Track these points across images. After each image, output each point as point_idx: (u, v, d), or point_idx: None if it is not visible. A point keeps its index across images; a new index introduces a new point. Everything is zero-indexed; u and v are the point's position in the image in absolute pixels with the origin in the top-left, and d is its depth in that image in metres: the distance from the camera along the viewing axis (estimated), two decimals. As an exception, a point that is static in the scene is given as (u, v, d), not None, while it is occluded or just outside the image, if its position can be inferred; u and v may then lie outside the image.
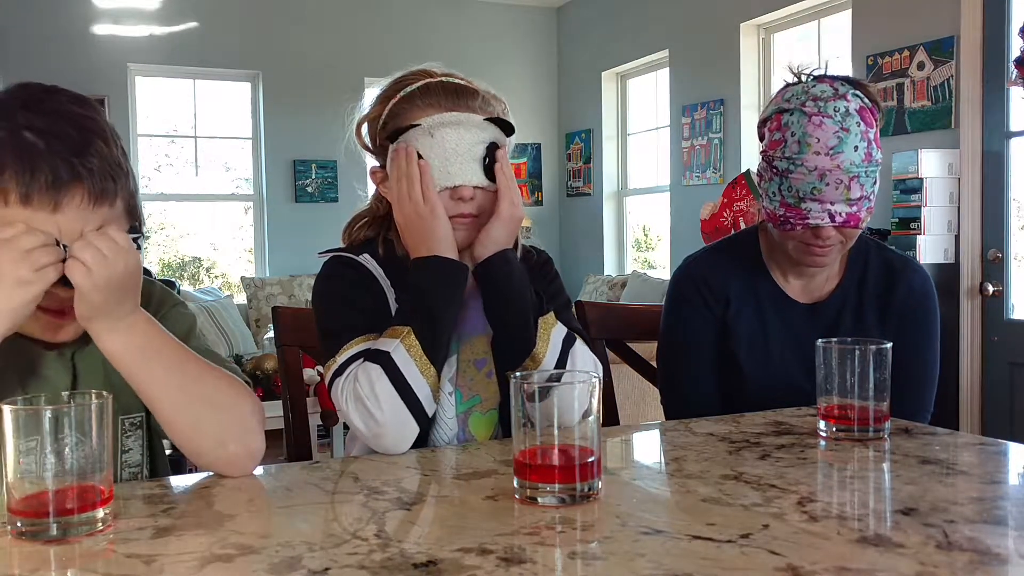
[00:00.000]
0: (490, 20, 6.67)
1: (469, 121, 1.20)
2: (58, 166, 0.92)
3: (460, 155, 1.19)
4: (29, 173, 0.92)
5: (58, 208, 0.93)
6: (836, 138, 1.36)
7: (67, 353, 1.07)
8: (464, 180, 1.19)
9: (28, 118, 0.94)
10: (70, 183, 0.93)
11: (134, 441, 1.12)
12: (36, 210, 0.92)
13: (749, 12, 4.86)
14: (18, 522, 0.80)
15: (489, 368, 1.28)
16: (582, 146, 6.64)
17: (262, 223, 6.19)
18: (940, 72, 3.63)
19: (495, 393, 1.28)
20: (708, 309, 1.56)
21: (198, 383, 1.02)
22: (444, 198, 1.20)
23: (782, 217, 1.43)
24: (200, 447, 1.01)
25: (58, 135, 0.94)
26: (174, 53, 5.80)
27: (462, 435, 1.26)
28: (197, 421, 1.01)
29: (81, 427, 0.80)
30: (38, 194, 0.92)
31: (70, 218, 0.94)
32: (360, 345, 1.18)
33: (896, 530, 0.80)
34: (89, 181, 0.94)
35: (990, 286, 3.48)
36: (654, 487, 1.00)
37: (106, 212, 0.97)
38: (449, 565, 0.72)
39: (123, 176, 1.00)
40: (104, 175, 0.96)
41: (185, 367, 1.02)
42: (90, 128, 0.97)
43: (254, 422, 1.04)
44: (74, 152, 0.94)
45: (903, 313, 1.53)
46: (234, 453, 1.01)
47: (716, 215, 4.29)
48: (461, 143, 1.19)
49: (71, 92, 1.01)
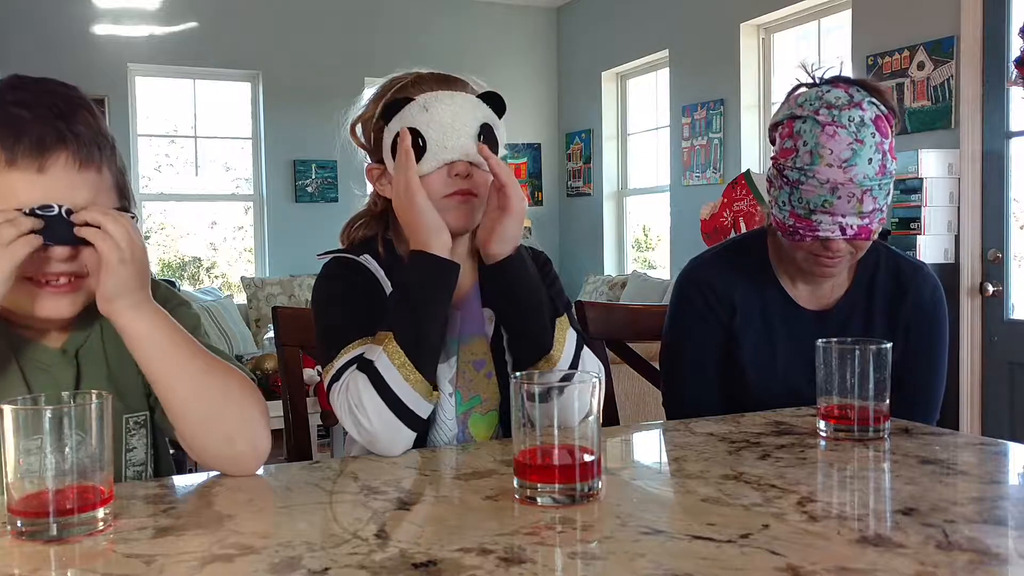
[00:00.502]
0: (490, 20, 6.67)
1: (463, 97, 1.21)
2: (43, 130, 0.94)
3: (456, 129, 1.19)
4: (13, 138, 0.93)
5: (43, 169, 0.94)
6: (850, 150, 1.32)
7: (71, 351, 1.07)
8: (462, 154, 1.19)
9: (15, 95, 0.96)
10: (55, 144, 0.95)
11: (138, 440, 1.12)
12: (23, 172, 0.94)
13: (749, 12, 4.85)
14: (18, 522, 0.80)
15: (488, 369, 1.27)
16: (582, 146, 6.64)
17: (262, 223, 6.19)
18: (940, 72, 3.63)
19: (495, 394, 1.28)
20: (714, 315, 1.54)
21: (212, 376, 1.02)
22: (441, 176, 1.20)
23: (791, 228, 1.40)
24: (208, 443, 1.01)
25: (44, 104, 0.96)
26: (174, 53, 5.80)
27: (462, 436, 1.26)
28: (209, 414, 1.01)
29: (81, 427, 0.80)
30: (23, 157, 0.93)
31: (56, 179, 0.95)
32: (357, 349, 1.17)
33: (896, 530, 0.80)
34: (75, 144, 0.96)
35: (990, 286, 3.48)
36: (654, 487, 1.00)
37: (93, 178, 0.98)
38: (449, 565, 0.72)
39: (110, 149, 1.01)
40: (90, 141, 0.97)
41: (200, 358, 1.02)
42: (77, 102, 0.99)
43: (263, 422, 1.04)
44: (59, 117, 0.96)
45: (912, 322, 1.51)
46: (241, 452, 1.01)
47: (716, 215, 4.29)
48: (456, 117, 1.19)
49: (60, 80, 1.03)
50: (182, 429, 1.02)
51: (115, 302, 0.97)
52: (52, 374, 1.05)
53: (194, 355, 1.02)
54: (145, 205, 5.95)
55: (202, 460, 1.03)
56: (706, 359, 1.55)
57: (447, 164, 1.19)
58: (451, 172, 1.20)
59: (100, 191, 0.99)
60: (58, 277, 0.99)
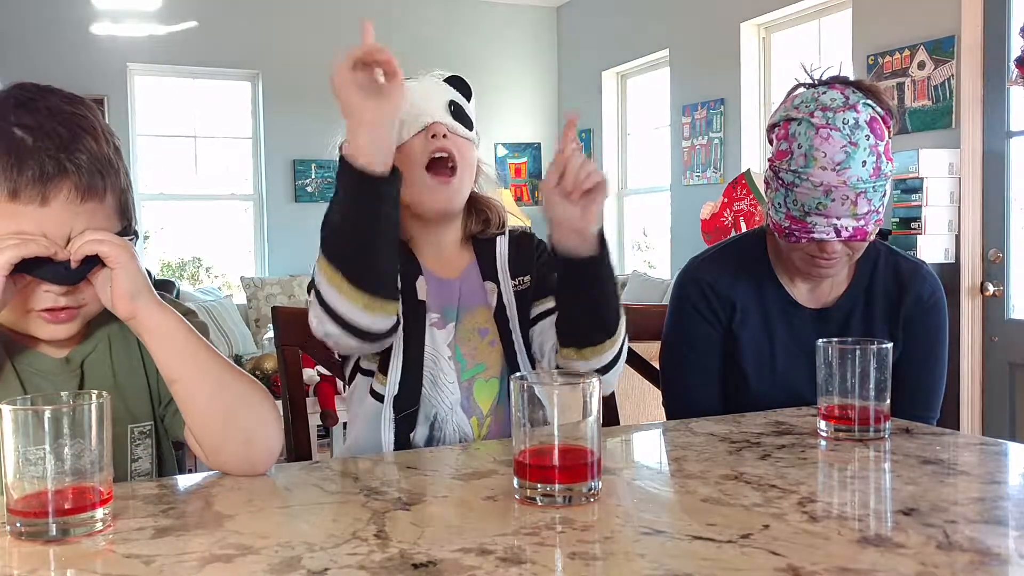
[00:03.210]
0: (490, 20, 6.67)
1: (429, 79, 1.33)
2: (45, 161, 0.94)
3: (426, 99, 1.29)
4: (16, 168, 0.93)
5: (45, 202, 0.95)
6: (843, 153, 1.32)
7: (75, 360, 1.07)
8: (435, 117, 1.28)
9: (19, 116, 0.96)
10: (57, 177, 0.94)
11: (143, 450, 1.12)
12: (24, 204, 0.94)
13: (749, 12, 4.85)
14: (17, 522, 0.80)
15: (492, 337, 1.32)
16: (582, 146, 6.63)
17: (262, 223, 6.19)
18: (940, 72, 3.63)
19: (497, 361, 1.32)
20: (714, 315, 1.54)
21: (231, 375, 1.03)
22: (421, 140, 1.27)
23: (787, 229, 1.40)
24: (226, 442, 1.01)
25: (47, 132, 0.95)
26: (174, 53, 5.79)
27: (466, 402, 1.30)
28: (230, 414, 1.01)
29: (80, 427, 0.80)
30: (25, 188, 0.94)
31: (58, 212, 0.95)
32: None
33: (896, 530, 0.80)
34: (76, 176, 0.96)
35: (990, 286, 3.48)
36: (654, 487, 1.00)
37: (95, 207, 0.98)
38: (449, 565, 0.72)
39: (113, 173, 1.00)
40: (92, 171, 0.97)
41: (218, 358, 1.03)
42: (80, 125, 0.98)
43: (277, 424, 1.05)
44: (61, 148, 0.95)
45: (911, 322, 1.51)
46: (257, 452, 1.02)
47: (716, 215, 4.29)
48: (427, 91, 1.30)
49: (66, 92, 1.02)
50: (202, 428, 1.02)
51: (138, 298, 0.98)
52: (54, 383, 1.05)
53: (214, 355, 1.03)
54: (145, 205, 5.95)
55: (215, 460, 1.03)
56: (706, 359, 1.55)
57: (423, 130, 1.27)
58: (428, 135, 1.27)
59: (101, 219, 1.00)
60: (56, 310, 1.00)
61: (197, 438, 1.03)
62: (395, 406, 1.26)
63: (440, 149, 1.26)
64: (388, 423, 1.25)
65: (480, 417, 1.31)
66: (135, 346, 1.10)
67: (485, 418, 1.31)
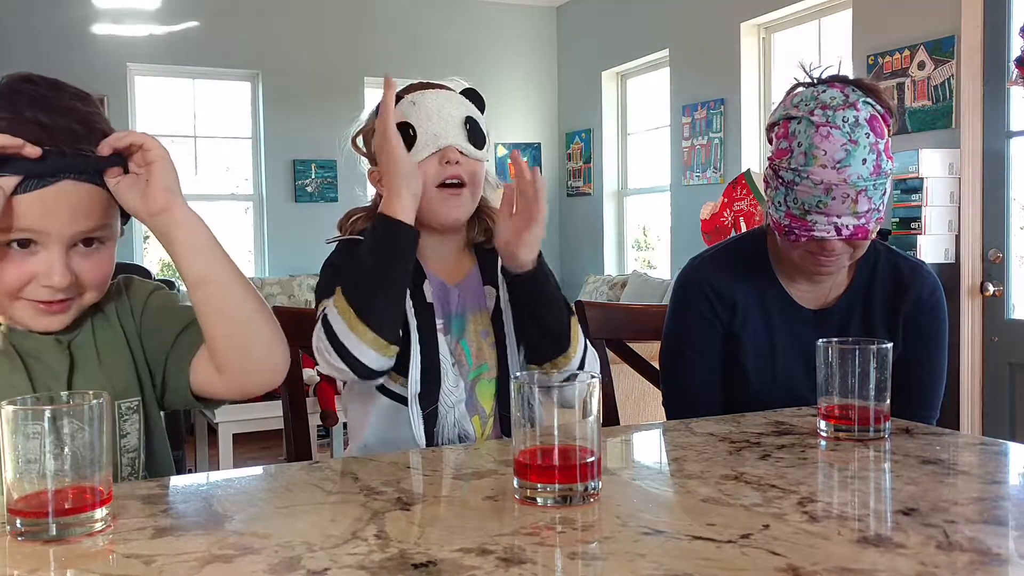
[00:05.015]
0: (490, 20, 6.67)
1: (446, 92, 1.35)
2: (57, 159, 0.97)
3: (443, 118, 1.31)
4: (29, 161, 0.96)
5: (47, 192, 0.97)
6: (843, 151, 1.32)
7: (64, 341, 1.10)
8: (451, 140, 1.30)
9: (35, 114, 0.99)
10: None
11: (131, 425, 1.13)
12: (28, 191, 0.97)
13: (749, 12, 4.86)
14: (17, 522, 0.80)
15: (492, 340, 1.37)
16: (582, 146, 6.64)
17: (262, 223, 6.19)
18: (940, 72, 3.63)
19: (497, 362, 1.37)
20: (715, 315, 1.54)
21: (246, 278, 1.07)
22: (433, 164, 1.30)
23: (787, 228, 1.40)
24: (251, 345, 1.05)
25: (62, 128, 0.99)
26: (174, 53, 5.80)
27: (469, 401, 1.33)
28: (257, 314, 1.05)
29: (80, 427, 0.80)
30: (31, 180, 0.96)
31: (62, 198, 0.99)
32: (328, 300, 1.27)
33: (897, 530, 0.80)
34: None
35: (990, 286, 3.49)
36: (654, 487, 1.00)
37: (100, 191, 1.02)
38: (449, 565, 0.72)
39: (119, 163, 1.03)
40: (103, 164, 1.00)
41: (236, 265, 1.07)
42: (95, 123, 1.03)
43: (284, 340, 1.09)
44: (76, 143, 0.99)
45: (911, 322, 1.51)
46: (275, 361, 1.07)
47: (716, 215, 4.29)
48: (442, 108, 1.31)
49: (74, 88, 1.06)
50: (230, 334, 1.05)
51: (173, 192, 1.01)
52: (48, 363, 1.08)
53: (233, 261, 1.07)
54: (145, 205, 5.93)
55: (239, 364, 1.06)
56: (706, 359, 1.55)
57: (437, 152, 1.30)
58: (442, 160, 1.30)
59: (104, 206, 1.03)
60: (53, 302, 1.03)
61: (221, 349, 1.05)
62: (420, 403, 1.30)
63: (453, 176, 1.31)
64: (417, 419, 1.29)
65: (483, 416, 1.34)
66: (118, 328, 1.13)
67: (488, 417, 1.35)
